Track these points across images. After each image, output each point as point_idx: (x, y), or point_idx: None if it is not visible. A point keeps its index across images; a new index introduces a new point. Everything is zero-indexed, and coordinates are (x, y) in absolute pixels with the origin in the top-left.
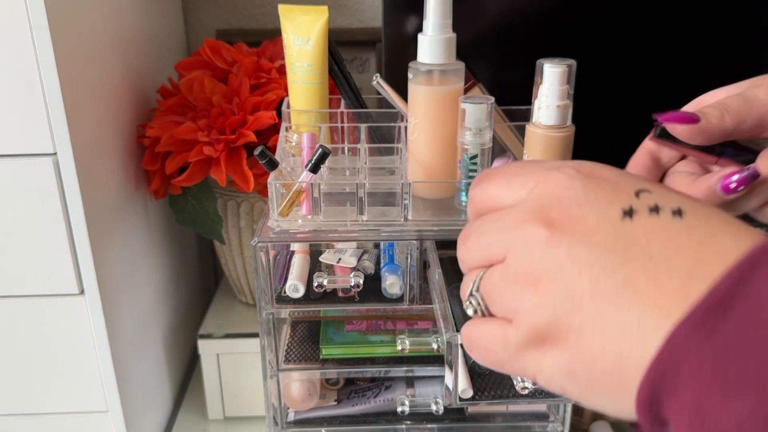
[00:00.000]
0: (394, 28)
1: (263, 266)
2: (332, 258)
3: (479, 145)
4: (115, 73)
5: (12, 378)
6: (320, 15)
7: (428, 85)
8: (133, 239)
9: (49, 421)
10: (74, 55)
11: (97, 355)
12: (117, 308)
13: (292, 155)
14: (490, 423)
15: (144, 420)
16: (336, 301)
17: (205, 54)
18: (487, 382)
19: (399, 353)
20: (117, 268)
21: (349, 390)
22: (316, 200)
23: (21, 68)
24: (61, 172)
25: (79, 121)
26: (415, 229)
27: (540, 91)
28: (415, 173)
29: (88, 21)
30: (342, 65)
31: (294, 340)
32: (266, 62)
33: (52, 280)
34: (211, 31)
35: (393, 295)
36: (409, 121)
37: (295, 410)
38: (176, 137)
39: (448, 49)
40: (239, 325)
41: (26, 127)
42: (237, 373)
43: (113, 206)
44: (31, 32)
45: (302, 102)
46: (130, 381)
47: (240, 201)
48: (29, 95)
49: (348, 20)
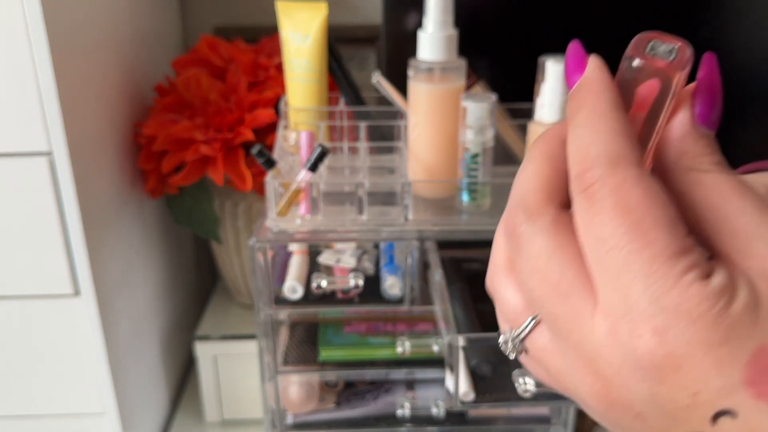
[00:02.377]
0: (395, 24)
1: (261, 267)
2: (331, 258)
3: (481, 143)
4: (110, 71)
5: (7, 380)
6: (319, 11)
7: (429, 83)
8: (130, 239)
9: (45, 423)
10: (70, 53)
11: (93, 357)
12: (113, 309)
13: (291, 154)
14: (491, 426)
15: (140, 422)
16: (335, 302)
17: (202, 51)
18: (488, 384)
19: (399, 355)
20: (113, 269)
21: (349, 393)
22: (314, 200)
23: (16, 66)
24: (56, 171)
25: (74, 120)
26: (415, 229)
27: (542, 88)
28: (416, 172)
29: (84, 18)
30: (341, 62)
31: (292, 342)
32: (264, 59)
33: (47, 281)
34: (209, 28)
35: (393, 297)
36: (410, 120)
37: (294, 413)
38: (173, 136)
39: (449, 46)
40: (237, 327)
41: (21, 126)
42: (234, 375)
43: (109, 206)
44: (26, 29)
45: (301, 100)
46: (126, 383)
47: (237, 200)
48: (24, 93)
49: (347, 17)
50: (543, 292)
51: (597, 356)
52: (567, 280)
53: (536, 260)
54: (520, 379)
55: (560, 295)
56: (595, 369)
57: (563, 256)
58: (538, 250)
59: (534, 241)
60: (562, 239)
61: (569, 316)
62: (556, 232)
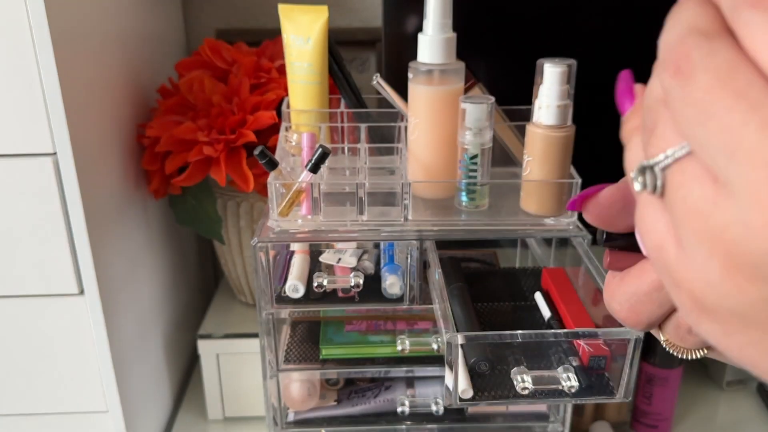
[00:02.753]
0: (394, 27)
1: (263, 266)
2: (332, 258)
3: (479, 144)
4: (114, 73)
5: (12, 378)
6: (320, 14)
7: (428, 85)
8: (133, 239)
9: (49, 421)
10: (74, 55)
11: (97, 355)
12: (117, 308)
13: (292, 155)
14: (490, 423)
15: (144, 420)
16: (336, 301)
17: (205, 54)
18: (487, 382)
19: (399, 353)
20: (117, 268)
21: (349, 390)
22: (315, 200)
23: (20, 68)
24: (60, 172)
25: (78, 121)
26: (415, 229)
27: (540, 90)
28: (415, 173)
29: (88, 20)
30: (342, 65)
31: (294, 341)
32: (266, 62)
33: (51, 280)
34: (211, 31)
35: (393, 295)
36: (409, 121)
37: (295, 410)
38: (176, 137)
39: (448, 49)
40: (239, 326)
41: (26, 127)
42: (237, 373)
43: (113, 206)
44: (30, 32)
45: (302, 102)
46: (129, 381)
47: (240, 201)
48: (29, 95)
49: (348, 20)
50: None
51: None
52: (758, 87)
53: (718, 74)
54: (518, 377)
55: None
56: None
57: (750, 69)
58: (723, 61)
59: (719, 55)
60: (743, 56)
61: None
62: (737, 48)
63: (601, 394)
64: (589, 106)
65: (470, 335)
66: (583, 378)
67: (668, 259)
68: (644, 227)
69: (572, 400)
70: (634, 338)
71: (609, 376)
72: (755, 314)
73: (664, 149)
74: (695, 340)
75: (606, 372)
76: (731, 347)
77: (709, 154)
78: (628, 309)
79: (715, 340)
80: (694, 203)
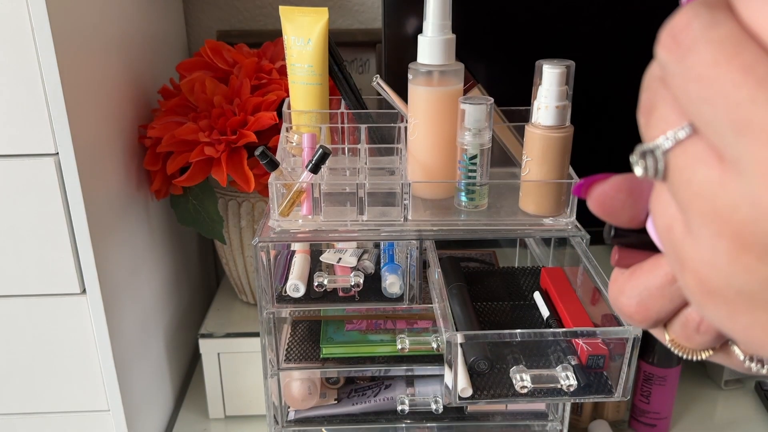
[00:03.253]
0: (394, 29)
1: (264, 266)
2: (332, 258)
3: (479, 145)
4: (116, 74)
5: (14, 377)
6: (320, 16)
7: (428, 86)
8: (135, 239)
9: (51, 420)
10: (75, 56)
11: (99, 354)
12: (118, 307)
13: (293, 155)
14: (489, 422)
15: (145, 419)
16: (336, 300)
17: (206, 55)
18: (486, 381)
19: (399, 352)
20: (118, 268)
21: (349, 389)
22: (316, 200)
23: (22, 69)
24: (62, 173)
25: (80, 122)
26: (414, 228)
27: (539, 91)
28: (415, 173)
29: (90, 22)
30: (342, 66)
31: (294, 340)
32: (267, 63)
33: (53, 280)
34: (212, 32)
35: (393, 295)
36: (409, 122)
37: (296, 409)
38: (177, 137)
39: (447, 50)
40: (240, 325)
41: (28, 128)
42: (238, 372)
43: (115, 206)
44: (32, 33)
45: (303, 103)
46: (131, 380)
47: (241, 201)
48: (31, 96)
49: (348, 21)
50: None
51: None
52: (764, 62)
53: (723, 47)
54: (517, 376)
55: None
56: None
57: (754, 43)
58: (728, 34)
59: (722, 27)
60: (744, 30)
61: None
62: (738, 22)
63: (600, 392)
64: (587, 106)
65: (469, 334)
66: (581, 377)
67: (675, 239)
68: (657, 208)
69: (571, 398)
70: (632, 337)
71: (607, 374)
72: (763, 294)
73: (664, 131)
74: (702, 340)
75: (604, 371)
76: (736, 329)
77: (716, 132)
78: (637, 303)
79: (720, 323)
80: (699, 185)
